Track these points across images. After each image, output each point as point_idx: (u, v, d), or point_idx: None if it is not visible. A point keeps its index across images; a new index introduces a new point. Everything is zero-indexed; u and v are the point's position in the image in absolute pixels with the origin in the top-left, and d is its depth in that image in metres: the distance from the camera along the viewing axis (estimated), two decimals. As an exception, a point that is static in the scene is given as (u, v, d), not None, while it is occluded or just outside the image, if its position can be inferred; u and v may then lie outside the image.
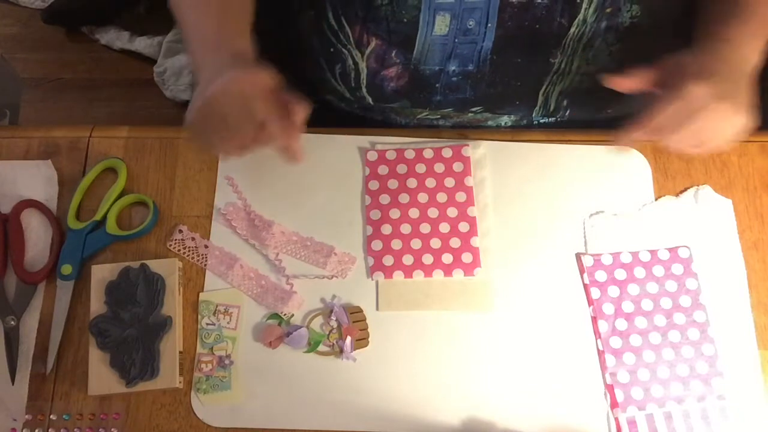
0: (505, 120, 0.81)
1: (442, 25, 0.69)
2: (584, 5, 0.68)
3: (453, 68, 0.74)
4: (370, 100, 0.79)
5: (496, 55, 0.72)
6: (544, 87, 0.76)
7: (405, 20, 0.69)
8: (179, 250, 0.72)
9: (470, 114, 0.79)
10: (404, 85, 0.76)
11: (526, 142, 0.77)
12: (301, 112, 0.61)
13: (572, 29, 0.70)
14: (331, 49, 0.74)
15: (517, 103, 0.79)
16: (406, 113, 0.80)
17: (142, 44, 1.68)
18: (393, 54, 0.73)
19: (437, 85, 0.76)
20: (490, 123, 0.81)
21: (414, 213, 0.74)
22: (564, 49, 0.72)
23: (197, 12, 0.68)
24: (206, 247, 0.73)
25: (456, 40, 0.71)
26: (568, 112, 0.80)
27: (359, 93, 0.78)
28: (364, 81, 0.76)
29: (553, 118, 0.81)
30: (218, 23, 0.67)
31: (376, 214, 0.74)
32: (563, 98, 0.79)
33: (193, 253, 0.72)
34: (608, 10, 0.69)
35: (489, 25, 0.69)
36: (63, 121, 1.64)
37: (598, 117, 0.81)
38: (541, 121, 0.81)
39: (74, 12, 1.72)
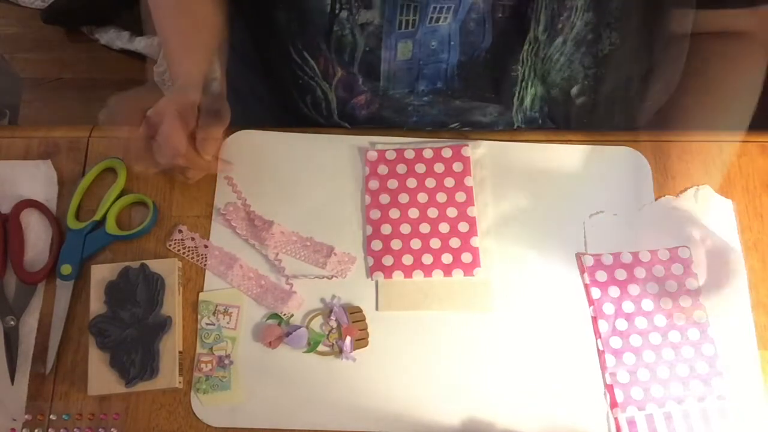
0: (491, 110, 0.80)
1: (405, 50, 0.70)
2: (566, 30, 0.69)
3: (422, 88, 0.74)
4: (346, 125, 0.80)
5: (462, 69, 0.73)
6: (518, 93, 0.77)
7: (367, 49, 0.69)
8: (179, 250, 0.72)
9: (450, 127, 0.80)
10: (376, 111, 0.77)
11: (526, 142, 0.77)
12: (212, 135, 0.68)
13: (551, 49, 0.71)
14: (300, 81, 0.75)
15: (495, 111, 0.79)
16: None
17: (142, 44, 1.68)
18: (360, 82, 0.73)
19: (409, 108, 0.76)
20: (476, 112, 0.81)
21: (414, 213, 0.74)
22: (522, 62, 0.73)
23: (165, 39, 0.77)
24: (206, 247, 0.73)
25: (421, 62, 0.71)
26: (546, 111, 0.81)
27: (333, 120, 0.79)
28: (335, 110, 0.77)
29: (533, 113, 0.81)
30: (176, 43, 0.75)
31: (375, 214, 0.74)
32: (542, 102, 0.80)
33: (192, 253, 0.72)
34: (589, 37, 0.70)
35: (452, 43, 0.70)
36: (63, 121, 1.63)
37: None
38: (527, 114, 0.82)
39: (74, 12, 1.72)
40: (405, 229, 0.73)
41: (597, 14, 0.68)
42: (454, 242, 0.72)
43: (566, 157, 0.76)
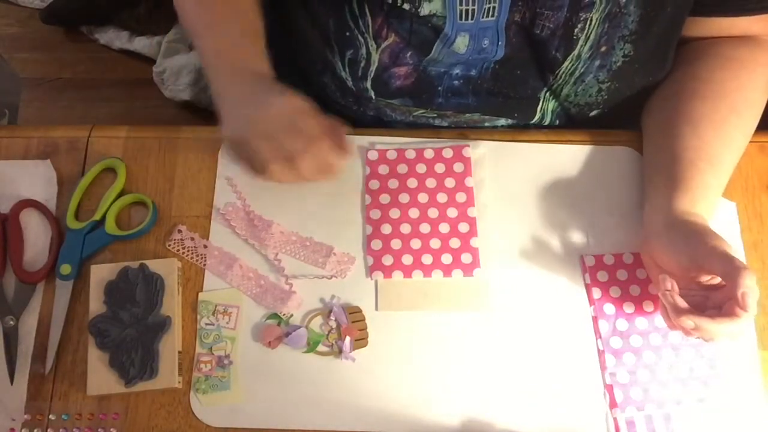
0: (502, 122, 0.81)
1: (461, 45, 0.69)
2: (580, 42, 0.69)
3: (456, 71, 0.74)
4: (372, 93, 0.78)
5: (498, 65, 0.73)
6: (540, 103, 0.77)
7: (429, 24, 0.69)
8: (178, 250, 0.72)
9: (467, 115, 0.79)
10: (410, 84, 0.76)
11: (526, 142, 0.77)
12: (344, 132, 0.66)
13: (565, 63, 0.71)
14: (347, 33, 0.72)
15: (515, 115, 0.79)
16: (403, 110, 0.80)
17: (141, 44, 1.68)
18: (408, 55, 0.72)
19: (440, 88, 0.76)
20: (486, 125, 0.81)
21: (414, 213, 0.74)
22: (556, 78, 0.73)
23: (213, 34, 0.72)
24: (205, 247, 0.72)
25: (470, 57, 0.71)
26: (557, 124, 0.81)
27: (363, 84, 0.77)
28: (372, 73, 0.75)
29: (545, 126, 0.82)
30: (236, 45, 0.71)
31: (376, 214, 0.74)
32: (555, 117, 0.80)
33: (192, 253, 0.72)
34: (603, 49, 0.70)
35: (500, 42, 0.70)
36: (62, 121, 1.64)
37: None
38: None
39: (73, 12, 1.72)
40: (405, 228, 0.73)
41: (612, 27, 0.68)
42: (454, 242, 0.72)
43: (566, 157, 0.76)
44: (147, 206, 0.74)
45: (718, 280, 0.62)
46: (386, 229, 0.73)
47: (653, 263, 0.67)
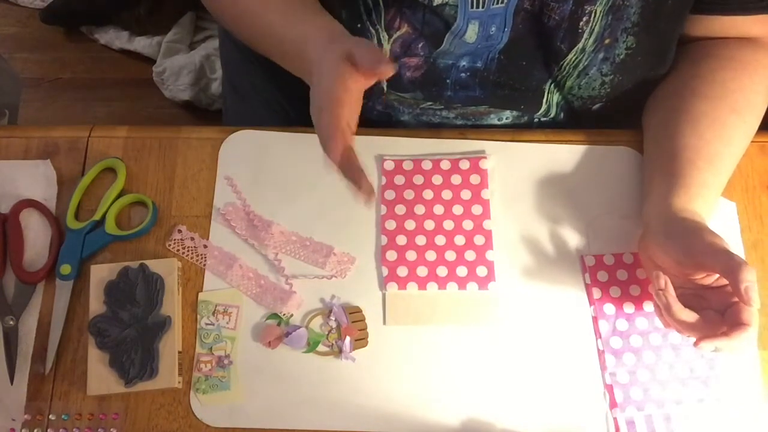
0: (507, 115, 0.81)
1: (472, 34, 0.69)
2: (585, 35, 0.69)
3: (463, 63, 0.74)
4: (384, 85, 0.77)
5: (504, 55, 0.73)
6: (545, 95, 0.77)
7: (441, 16, 0.68)
8: (178, 250, 0.72)
9: (473, 107, 0.79)
10: (419, 76, 0.76)
11: (526, 142, 0.77)
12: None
13: (570, 56, 0.71)
14: (359, 25, 0.72)
15: (522, 107, 0.79)
16: (411, 102, 0.79)
17: (141, 44, 1.68)
18: (420, 45, 0.72)
19: (448, 80, 0.76)
20: (492, 116, 0.81)
21: (429, 224, 0.73)
22: (561, 69, 0.73)
23: (285, 19, 0.69)
24: (205, 247, 0.72)
25: (479, 46, 0.71)
26: (562, 118, 0.81)
27: None
28: None
29: (548, 120, 0.82)
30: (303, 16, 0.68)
31: (391, 224, 0.73)
32: (560, 110, 0.80)
33: (192, 253, 0.72)
34: (606, 41, 0.70)
35: (506, 29, 0.70)
36: (62, 121, 1.64)
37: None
38: (542, 119, 0.82)
39: (73, 12, 1.72)
40: (420, 240, 0.72)
41: (615, 19, 0.68)
42: (470, 255, 0.72)
43: (566, 157, 0.76)
44: (147, 206, 0.74)
45: (713, 278, 0.62)
46: (401, 240, 0.72)
47: (650, 261, 0.67)
